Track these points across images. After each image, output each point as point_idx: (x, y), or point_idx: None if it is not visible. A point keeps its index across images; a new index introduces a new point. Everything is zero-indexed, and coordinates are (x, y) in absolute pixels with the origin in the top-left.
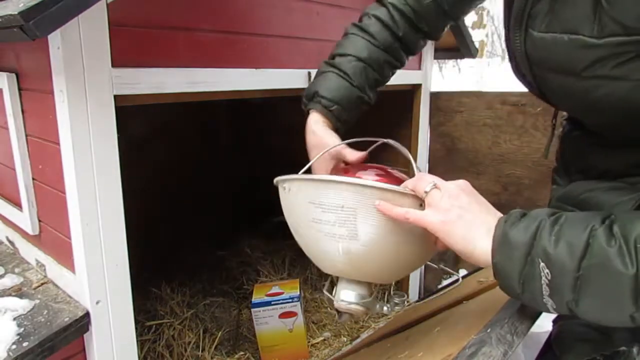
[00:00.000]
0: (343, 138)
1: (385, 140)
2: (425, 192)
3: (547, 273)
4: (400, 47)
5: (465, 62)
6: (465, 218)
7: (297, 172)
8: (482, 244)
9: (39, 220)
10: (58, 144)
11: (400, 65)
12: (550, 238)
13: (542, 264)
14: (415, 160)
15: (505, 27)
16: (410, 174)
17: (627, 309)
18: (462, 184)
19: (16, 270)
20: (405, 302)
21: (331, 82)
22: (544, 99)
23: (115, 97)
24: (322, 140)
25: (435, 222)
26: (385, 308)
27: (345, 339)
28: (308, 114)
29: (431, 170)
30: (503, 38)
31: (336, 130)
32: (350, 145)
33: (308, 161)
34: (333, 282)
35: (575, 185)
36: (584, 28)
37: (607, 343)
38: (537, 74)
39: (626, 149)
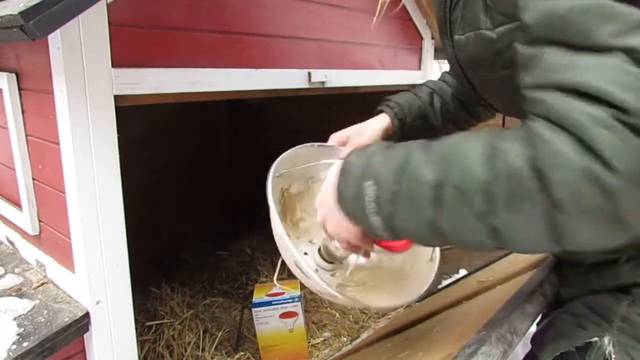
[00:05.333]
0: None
1: None
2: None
3: (374, 190)
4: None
5: None
6: (325, 197)
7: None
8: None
9: (39, 220)
10: (58, 144)
11: (472, 107)
12: (379, 158)
13: (370, 182)
14: None
15: (439, 36)
16: None
17: (430, 214)
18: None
19: (16, 270)
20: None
21: (400, 94)
22: (481, 98)
23: (115, 97)
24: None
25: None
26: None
27: (345, 339)
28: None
29: None
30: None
31: (400, 130)
32: None
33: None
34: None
35: None
36: (481, 23)
37: (580, 335)
38: (468, 75)
39: None
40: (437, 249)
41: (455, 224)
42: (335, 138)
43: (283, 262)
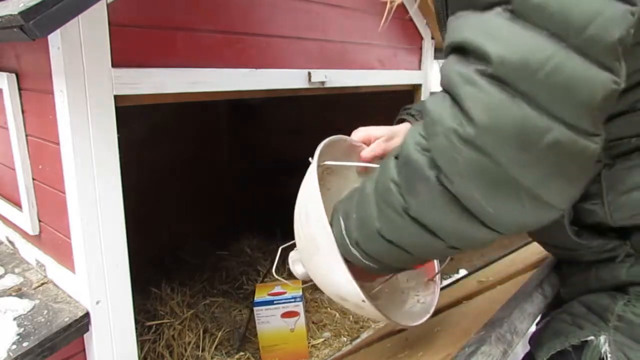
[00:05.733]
0: None
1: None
2: None
3: (343, 225)
4: None
5: None
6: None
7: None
8: None
9: (39, 220)
10: (58, 144)
11: None
12: (346, 197)
13: (341, 219)
14: None
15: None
16: None
17: (374, 224)
18: None
19: (16, 270)
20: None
21: (420, 102)
22: None
23: (116, 97)
24: (386, 129)
25: None
26: None
27: (345, 339)
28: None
29: None
30: None
31: None
32: None
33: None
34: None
35: None
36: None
37: (577, 334)
38: None
39: None
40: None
41: (392, 229)
42: (357, 136)
43: (281, 257)
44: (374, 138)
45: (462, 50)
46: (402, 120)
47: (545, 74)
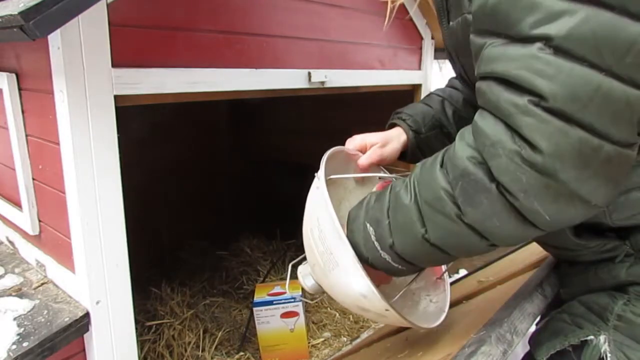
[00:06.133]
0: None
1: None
2: None
3: (373, 231)
4: None
5: None
6: None
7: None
8: None
9: (39, 220)
10: (58, 144)
11: None
12: (371, 205)
13: (369, 226)
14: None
15: (440, 27)
16: None
17: (419, 230)
18: None
19: (16, 270)
20: None
21: (411, 105)
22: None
23: (116, 97)
24: (379, 135)
25: None
26: None
27: (345, 339)
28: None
29: None
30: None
31: (415, 143)
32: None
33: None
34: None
35: None
36: (464, 8)
37: (576, 334)
38: (462, 63)
39: None
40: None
41: (440, 233)
42: (352, 144)
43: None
44: (370, 145)
45: (508, 82)
46: (393, 125)
47: (595, 104)
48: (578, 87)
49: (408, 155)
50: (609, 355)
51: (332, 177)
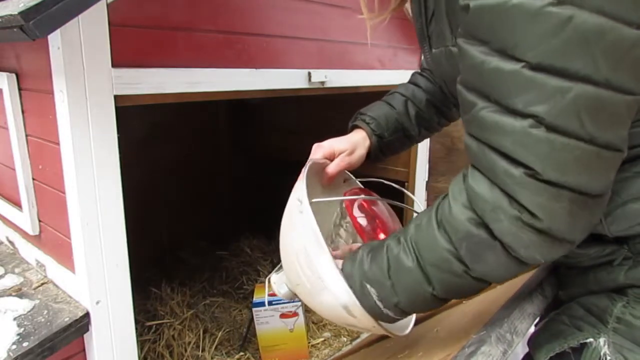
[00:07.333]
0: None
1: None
2: None
3: (375, 292)
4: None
5: None
6: None
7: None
8: None
9: (39, 220)
10: (58, 144)
11: (446, 110)
12: (366, 265)
13: (369, 287)
14: (415, 160)
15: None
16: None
17: (427, 289)
18: None
19: (16, 270)
20: None
21: (374, 106)
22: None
23: (116, 97)
24: (345, 142)
25: None
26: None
27: (345, 339)
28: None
29: (431, 171)
30: None
31: (378, 147)
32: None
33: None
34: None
35: None
36: (447, 40)
37: (576, 336)
38: (446, 81)
39: None
40: None
41: (450, 289)
42: (321, 152)
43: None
44: (338, 152)
45: (503, 154)
46: (355, 126)
47: (585, 172)
48: (570, 160)
49: (370, 158)
50: (608, 357)
51: (315, 200)
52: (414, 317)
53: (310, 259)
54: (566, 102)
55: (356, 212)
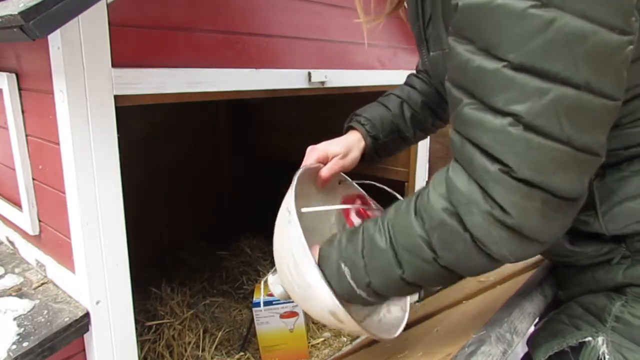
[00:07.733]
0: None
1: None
2: None
3: (348, 271)
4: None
5: None
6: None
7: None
8: None
9: (39, 220)
10: (58, 144)
11: (441, 112)
12: (343, 245)
13: (343, 265)
14: (415, 160)
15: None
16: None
17: (397, 272)
18: None
19: (16, 270)
20: None
21: (369, 107)
22: None
23: (116, 97)
24: (339, 145)
25: None
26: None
27: (345, 339)
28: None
29: (431, 171)
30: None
31: (373, 148)
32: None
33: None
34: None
35: None
36: (444, 43)
37: (574, 335)
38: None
39: None
40: None
41: (418, 274)
42: (314, 156)
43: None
44: (332, 156)
45: (481, 149)
46: (350, 128)
47: (559, 172)
48: (545, 161)
49: (365, 159)
50: (607, 356)
51: (303, 210)
52: (404, 322)
53: (299, 268)
54: (545, 102)
55: (353, 217)
